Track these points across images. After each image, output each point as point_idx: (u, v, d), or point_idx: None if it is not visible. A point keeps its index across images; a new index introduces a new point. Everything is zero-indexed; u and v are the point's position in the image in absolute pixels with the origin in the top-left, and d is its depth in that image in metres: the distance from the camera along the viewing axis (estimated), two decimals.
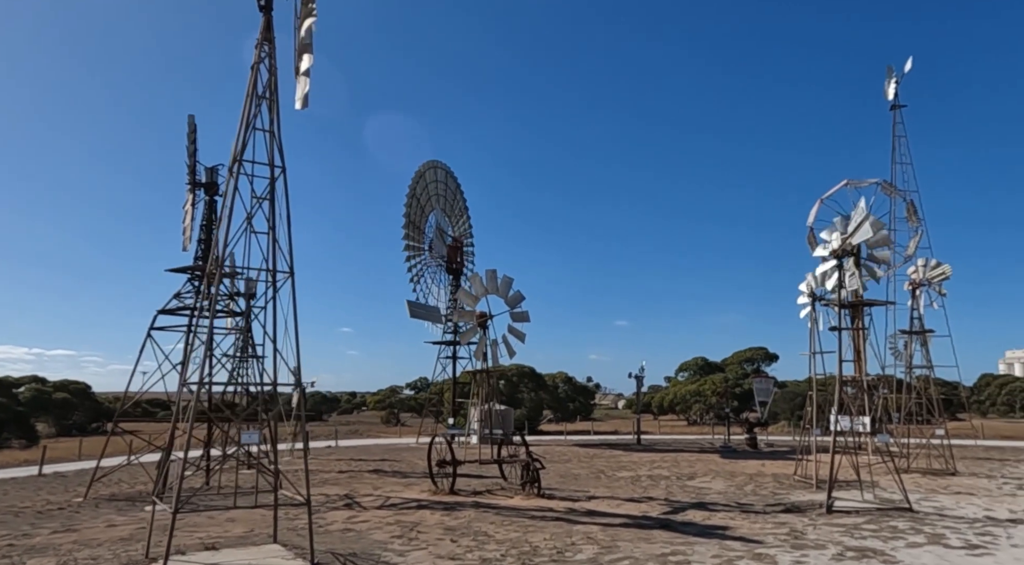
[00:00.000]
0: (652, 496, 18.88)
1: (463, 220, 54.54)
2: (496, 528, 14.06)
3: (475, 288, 20.16)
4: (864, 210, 15.42)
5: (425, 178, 51.02)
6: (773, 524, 14.20)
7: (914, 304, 25.21)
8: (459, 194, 54.45)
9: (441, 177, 53.12)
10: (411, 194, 48.68)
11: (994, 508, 16.66)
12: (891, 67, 44.66)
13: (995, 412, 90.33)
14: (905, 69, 43.63)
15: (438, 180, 52.79)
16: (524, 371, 67.49)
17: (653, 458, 32.49)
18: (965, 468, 26.80)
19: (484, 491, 19.94)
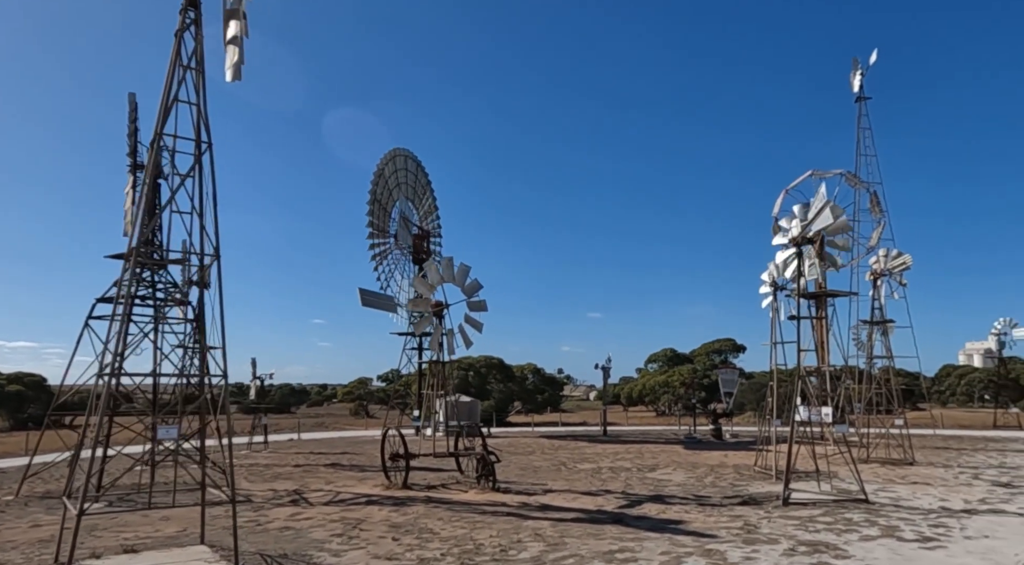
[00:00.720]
0: (610, 489, 18.48)
1: (430, 209, 53.74)
2: (443, 525, 13.49)
3: (431, 276, 19.48)
4: (824, 196, 15.10)
5: (390, 167, 50.07)
6: (728, 517, 13.85)
7: (875, 294, 25.19)
8: (425, 183, 53.61)
9: (407, 165, 52.19)
10: (375, 183, 47.73)
11: (949, 498, 16.57)
12: (856, 59, 44.90)
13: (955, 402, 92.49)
14: (870, 61, 43.94)
15: (404, 169, 51.85)
16: (493, 362, 67.01)
17: (617, 450, 32.23)
18: (923, 458, 26.97)
19: (439, 485, 19.36)
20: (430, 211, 53.57)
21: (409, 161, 52.18)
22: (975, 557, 10.38)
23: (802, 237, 15.99)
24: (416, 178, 52.99)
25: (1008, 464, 24.77)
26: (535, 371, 68.61)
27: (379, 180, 48.35)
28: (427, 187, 53.54)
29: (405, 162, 51.66)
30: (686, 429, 45.40)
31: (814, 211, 15.36)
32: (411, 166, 52.23)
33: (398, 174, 50.91)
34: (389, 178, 49.66)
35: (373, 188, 47.15)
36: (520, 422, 60.98)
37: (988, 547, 11.05)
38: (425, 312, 19.24)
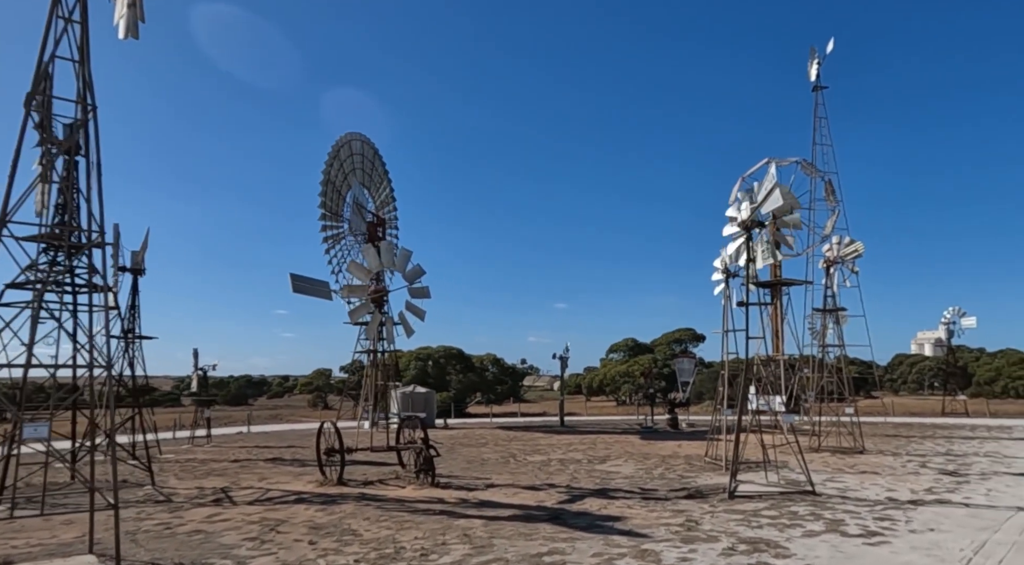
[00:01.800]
0: (555, 483, 17.78)
1: (386, 195, 52.38)
2: (369, 525, 12.58)
3: (369, 262, 18.43)
4: (774, 176, 14.50)
5: (346, 149, 48.53)
6: (671, 512, 13.24)
7: (828, 282, 24.97)
8: (383, 170, 52.20)
9: (358, 149, 50.61)
10: (329, 164, 46.18)
11: (896, 488, 16.29)
12: (814, 48, 44.87)
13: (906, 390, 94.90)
14: (827, 50, 43.97)
15: (360, 154, 50.35)
16: (452, 353, 66.10)
17: (572, 441, 31.67)
18: (873, 446, 26.99)
19: (376, 481, 18.41)
20: (387, 200, 52.21)
21: (365, 147, 50.67)
22: (919, 553, 9.89)
23: (751, 220, 15.40)
24: (372, 165, 51.52)
25: (954, 451, 24.88)
26: (495, 361, 67.92)
27: (334, 161, 46.81)
28: (383, 175, 52.17)
29: (361, 147, 50.13)
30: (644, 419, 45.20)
31: (763, 193, 14.77)
32: (367, 152, 50.72)
33: (353, 159, 49.36)
34: (345, 161, 48.17)
35: (327, 169, 45.57)
36: (479, 413, 60.28)
37: (933, 541, 10.60)
38: (362, 299, 18.19)
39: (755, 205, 15.12)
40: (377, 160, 50.83)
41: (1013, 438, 30.99)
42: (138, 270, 28.70)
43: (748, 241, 15.76)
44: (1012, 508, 13.53)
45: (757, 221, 15.50)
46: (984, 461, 21.87)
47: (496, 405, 68.38)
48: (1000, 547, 10.28)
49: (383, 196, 51.64)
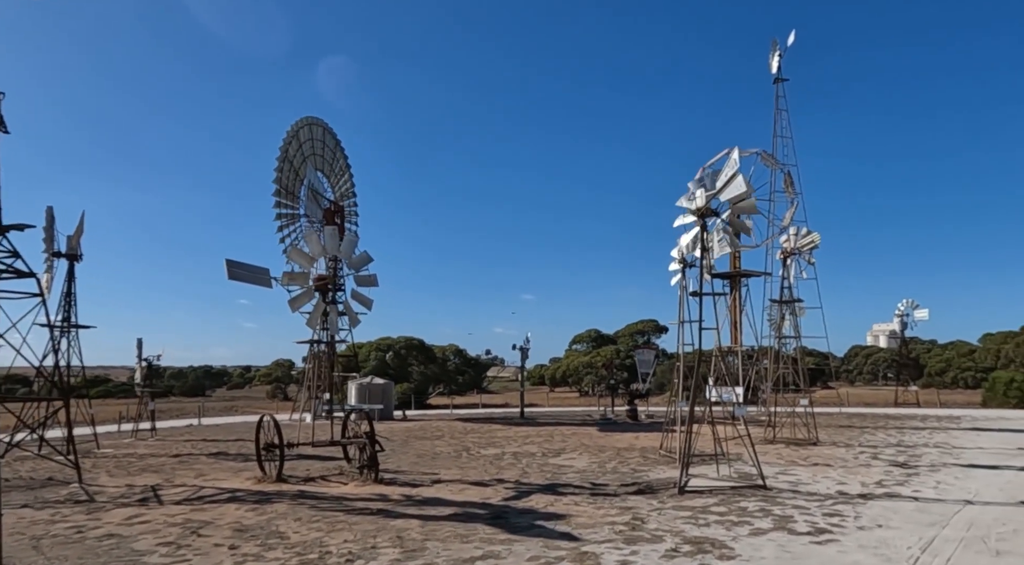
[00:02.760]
0: (504, 478, 17.22)
1: (345, 182, 51.09)
2: (299, 526, 11.82)
3: (311, 247, 17.53)
4: (736, 162, 14.03)
5: (300, 137, 47.09)
6: (618, 509, 12.77)
7: (784, 273, 24.84)
8: (341, 156, 50.88)
9: (319, 135, 49.21)
10: (283, 156, 44.70)
11: (847, 481, 16.13)
12: (776, 40, 44.89)
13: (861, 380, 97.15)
14: (788, 43, 44.03)
15: (315, 138, 48.92)
16: (413, 343, 65.15)
17: (529, 433, 31.21)
18: (827, 437, 27.08)
19: (318, 478, 17.61)
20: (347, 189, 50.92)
21: (323, 131, 49.30)
22: (867, 552, 9.57)
23: (706, 208, 14.95)
24: (329, 150, 50.17)
25: (905, 442, 25.07)
26: (457, 352, 67.18)
27: (292, 140, 45.43)
28: (342, 161, 50.86)
29: (320, 133, 48.76)
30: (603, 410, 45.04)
31: (723, 179, 14.31)
32: (324, 137, 49.35)
33: (313, 144, 47.97)
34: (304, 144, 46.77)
35: (284, 147, 44.22)
36: (441, 404, 59.55)
37: (881, 539, 10.30)
38: (302, 287, 17.30)
39: (712, 192, 14.66)
40: (339, 150, 49.59)
41: (961, 428, 31.52)
42: (74, 255, 27.18)
43: (703, 230, 15.32)
44: (960, 501, 13.41)
45: (711, 209, 15.06)
46: (934, 452, 22.01)
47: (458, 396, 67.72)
48: (948, 544, 10.02)
49: (343, 183, 50.42)
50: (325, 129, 49.95)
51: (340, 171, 50.98)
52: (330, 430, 19.44)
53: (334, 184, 50.42)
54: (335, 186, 50.34)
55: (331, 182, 50.39)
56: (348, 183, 51.11)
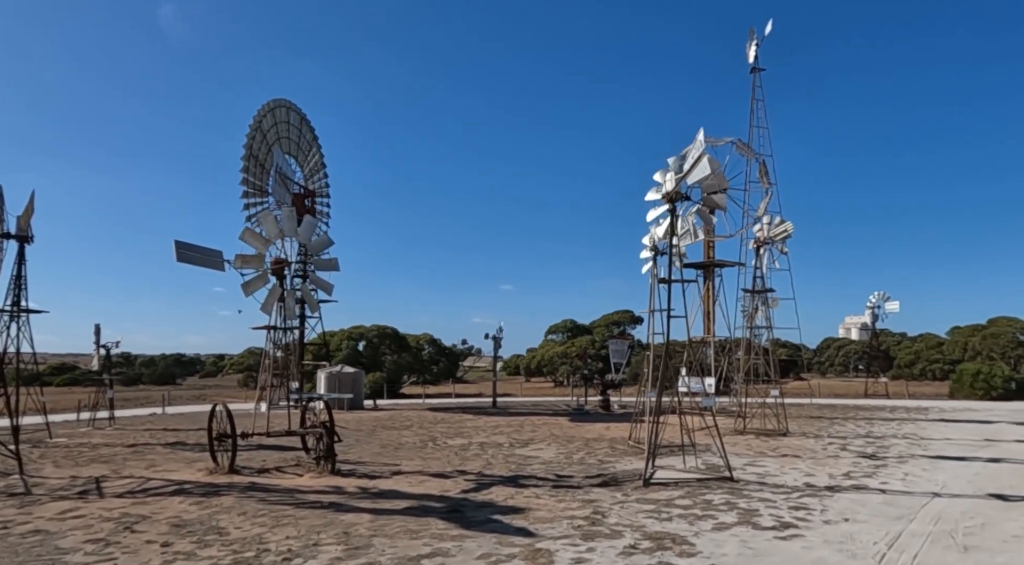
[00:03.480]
0: (467, 469, 16.68)
1: (316, 166, 49.92)
2: (243, 521, 11.17)
3: (267, 229, 16.75)
4: (702, 144, 13.53)
5: (269, 118, 45.85)
6: (580, 503, 12.31)
7: (757, 263, 24.57)
8: (311, 138, 49.68)
9: (288, 118, 48.01)
10: (251, 136, 43.51)
11: (815, 472, 15.87)
12: (753, 29, 44.54)
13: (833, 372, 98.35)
14: (766, 32, 43.73)
15: (286, 122, 47.70)
16: (386, 332, 64.31)
17: (500, 422, 30.73)
18: (797, 427, 26.99)
19: (273, 469, 16.91)
20: (316, 169, 49.76)
21: (292, 114, 48.01)
22: (832, 548, 9.19)
23: (675, 192, 14.46)
24: (300, 133, 48.94)
25: (874, 433, 25.04)
26: (431, 341, 66.45)
27: (256, 133, 44.19)
28: (313, 143, 49.68)
29: (287, 115, 47.49)
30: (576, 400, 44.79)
31: (690, 161, 13.82)
32: (294, 119, 48.07)
33: (279, 127, 46.77)
34: (268, 132, 45.55)
35: (249, 142, 42.95)
36: (414, 394, 58.88)
37: (846, 533, 9.95)
38: (257, 270, 16.52)
39: (680, 176, 14.17)
40: (305, 127, 48.37)
41: (929, 419, 31.71)
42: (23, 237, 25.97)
43: (672, 214, 14.84)
44: (927, 494, 13.17)
45: (681, 193, 14.57)
46: (902, 443, 21.95)
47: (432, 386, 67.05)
48: (915, 539, 9.70)
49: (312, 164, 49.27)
50: (295, 111, 48.68)
51: (311, 155, 49.80)
52: (287, 420, 18.73)
53: (305, 168, 49.23)
54: (306, 170, 49.19)
55: (302, 166, 49.22)
56: (320, 171, 49.99)
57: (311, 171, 49.02)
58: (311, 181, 49.00)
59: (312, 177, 49.32)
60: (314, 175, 49.61)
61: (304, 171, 49.03)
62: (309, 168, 49.47)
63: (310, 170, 49.36)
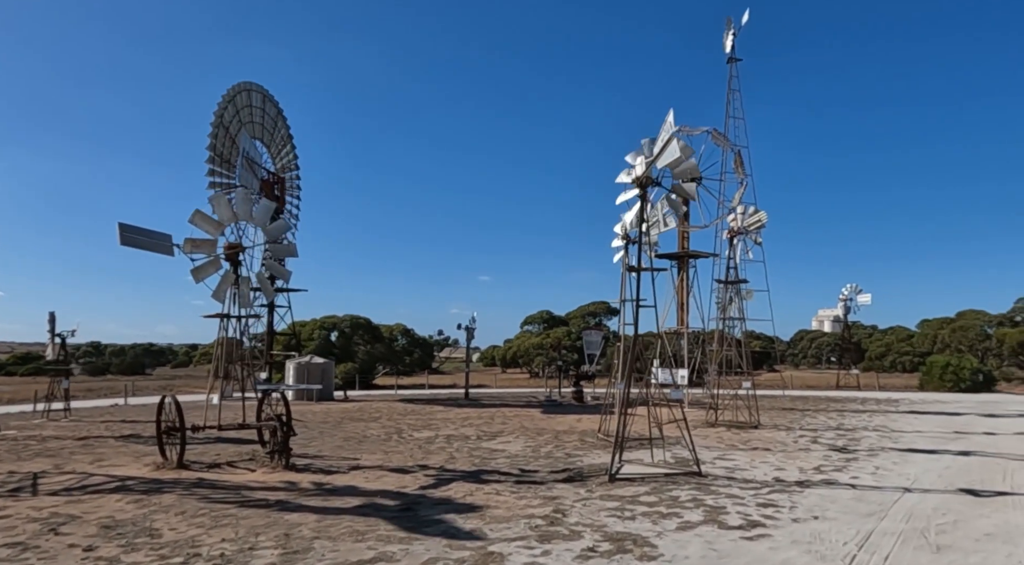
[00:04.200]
0: (428, 464, 16.06)
1: (287, 153, 48.69)
2: (180, 521, 10.43)
3: (220, 212, 15.88)
4: (672, 125, 12.96)
5: (236, 102, 44.49)
6: (542, 500, 11.76)
7: (731, 253, 24.19)
8: (280, 122, 48.37)
9: (257, 102, 46.65)
10: (217, 121, 42.15)
11: (786, 466, 15.52)
12: (730, 19, 44.14)
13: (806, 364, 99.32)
14: (742, 21, 43.39)
15: (253, 105, 46.34)
16: (359, 322, 63.34)
17: (470, 414, 30.15)
18: (769, 420, 26.79)
19: (225, 463, 16.14)
20: (286, 153, 48.55)
21: (262, 98, 46.73)
22: (799, 549, 8.74)
23: (646, 176, 13.89)
24: (270, 119, 47.64)
25: (845, 426, 24.91)
26: (404, 332, 65.60)
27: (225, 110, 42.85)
28: (282, 127, 48.37)
29: (259, 100, 46.19)
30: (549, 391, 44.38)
31: (659, 145, 13.24)
32: (262, 103, 46.79)
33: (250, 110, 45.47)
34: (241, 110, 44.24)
35: (217, 119, 41.67)
36: (387, 385, 58.07)
37: (815, 533, 9.52)
38: (209, 255, 15.67)
39: (650, 159, 13.60)
40: (273, 109, 47.04)
41: (900, 411, 31.78)
42: None
43: (643, 200, 14.28)
44: (898, 489, 12.85)
45: (651, 178, 14.01)
46: (873, 436, 21.78)
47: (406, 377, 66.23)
48: (886, 538, 9.30)
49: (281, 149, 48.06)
50: (265, 96, 47.39)
51: (281, 141, 48.54)
52: (243, 412, 17.91)
53: (274, 155, 48.00)
54: (276, 157, 47.95)
55: (271, 152, 47.96)
56: (290, 157, 48.77)
57: (280, 155, 47.81)
58: (279, 160, 47.82)
59: (280, 160, 48.14)
60: (283, 158, 48.43)
61: (274, 158, 47.80)
62: (278, 153, 48.25)
63: (279, 154, 48.16)
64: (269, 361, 46.71)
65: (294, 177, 49.28)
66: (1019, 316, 73.27)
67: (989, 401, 39.36)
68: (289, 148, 48.92)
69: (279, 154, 48.17)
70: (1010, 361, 67.28)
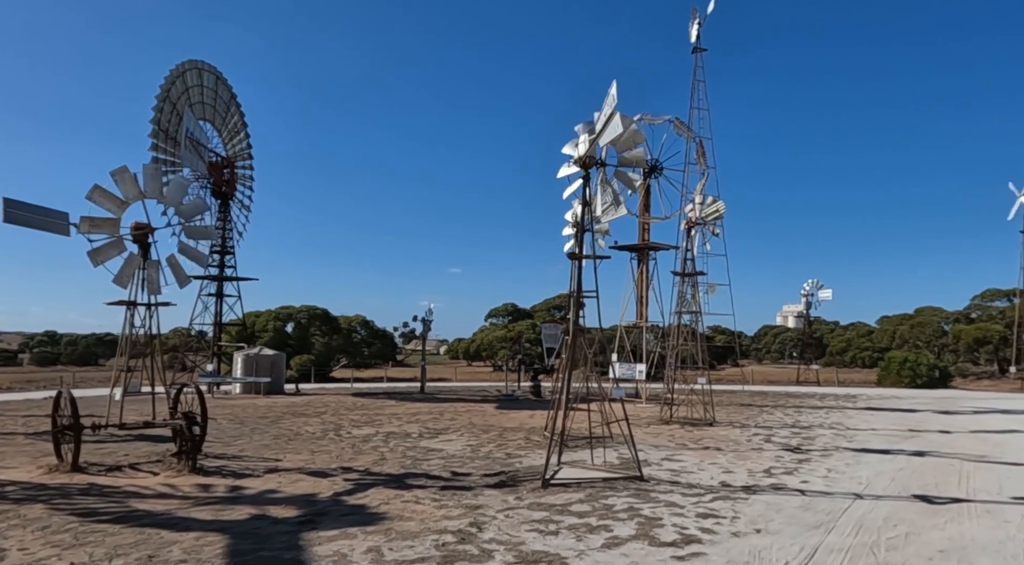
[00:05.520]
0: (354, 466, 14.81)
1: (240, 141, 46.59)
2: (36, 539, 9.04)
3: (123, 188, 14.34)
4: (614, 98, 11.84)
5: (186, 79, 42.32)
6: (463, 509, 10.62)
7: (688, 244, 23.31)
8: (230, 101, 46.25)
9: (209, 83, 44.50)
10: (163, 95, 39.98)
11: (735, 469, 14.64)
12: (695, 8, 43.43)
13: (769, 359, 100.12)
14: (708, 11, 42.64)
15: (204, 85, 44.20)
16: (316, 313, 61.48)
17: (421, 409, 28.93)
18: (725, 416, 26.10)
19: (127, 466, 14.68)
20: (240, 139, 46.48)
21: (212, 78, 44.57)
22: None
23: (588, 156, 12.78)
24: (222, 102, 45.51)
25: (801, 423, 24.30)
26: (364, 323, 63.93)
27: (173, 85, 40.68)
28: (236, 113, 46.28)
29: (205, 78, 44.02)
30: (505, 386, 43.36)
31: (602, 121, 12.13)
32: (214, 84, 44.63)
33: (200, 90, 43.32)
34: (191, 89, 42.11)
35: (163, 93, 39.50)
36: (344, 378, 56.47)
37: (755, 550, 8.54)
38: (110, 236, 14.16)
39: (593, 137, 12.49)
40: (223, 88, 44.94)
41: (857, 407, 31.45)
42: None
43: (585, 181, 13.18)
44: (849, 495, 12.01)
45: (595, 158, 12.91)
46: (828, 434, 21.14)
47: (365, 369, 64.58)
48: (832, 556, 8.36)
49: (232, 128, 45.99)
50: (218, 78, 45.23)
51: (235, 128, 46.43)
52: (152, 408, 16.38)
53: (226, 140, 45.90)
54: (228, 143, 45.86)
55: (223, 137, 45.86)
56: (244, 142, 46.70)
57: (230, 134, 45.74)
58: (231, 147, 45.77)
59: (233, 146, 46.08)
60: (236, 145, 46.37)
61: (226, 144, 45.73)
62: (229, 133, 46.17)
63: (229, 134, 46.09)
64: (216, 353, 44.85)
65: (247, 166, 47.27)
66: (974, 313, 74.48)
67: (945, 397, 39.44)
68: (243, 136, 46.81)
69: (232, 141, 46.07)
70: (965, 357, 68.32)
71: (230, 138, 46.20)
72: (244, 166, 47.15)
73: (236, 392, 41.42)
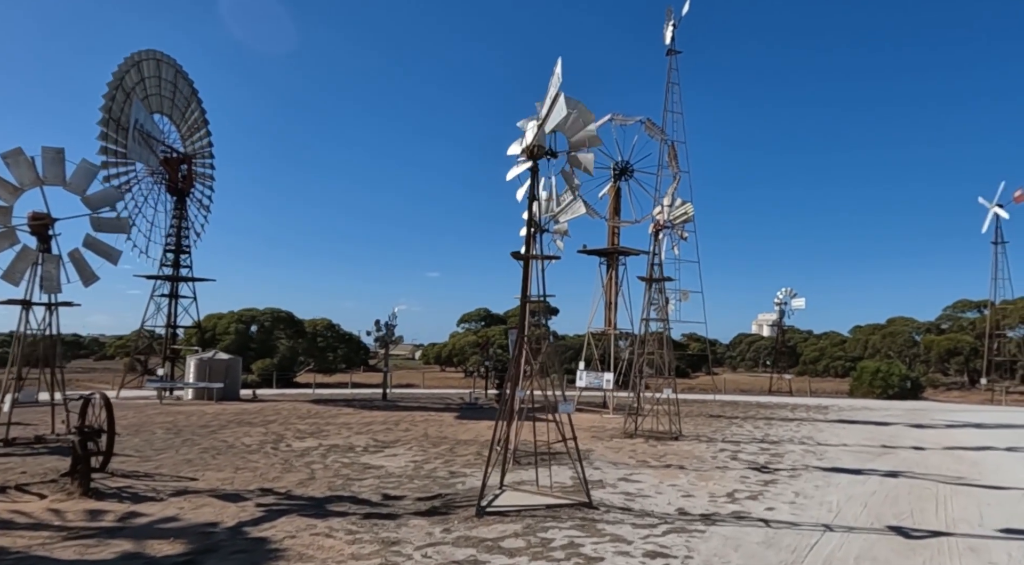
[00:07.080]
0: (275, 487, 13.30)
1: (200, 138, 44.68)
2: None
3: (17, 173, 12.74)
4: (559, 78, 10.55)
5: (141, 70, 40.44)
6: (378, 545, 9.22)
7: (656, 248, 22.15)
8: (196, 105, 44.35)
9: (168, 75, 42.62)
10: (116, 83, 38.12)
11: (695, 492, 13.39)
12: (670, 10, 42.51)
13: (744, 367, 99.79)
14: (683, 12, 41.77)
15: (163, 77, 42.30)
16: (280, 316, 59.52)
17: (375, 419, 27.40)
18: (693, 429, 24.94)
19: (13, 487, 13.01)
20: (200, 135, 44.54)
21: (170, 71, 42.67)
22: None
23: (537, 145, 11.49)
24: (179, 93, 43.62)
25: (771, 437, 23.21)
26: (329, 326, 62.05)
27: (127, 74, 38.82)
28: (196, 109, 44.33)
29: (164, 70, 42.11)
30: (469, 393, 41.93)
31: (546, 105, 10.85)
32: (173, 77, 42.76)
33: (151, 82, 41.39)
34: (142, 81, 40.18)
35: (111, 92, 37.59)
36: (307, 383, 54.58)
37: None
38: (1, 226, 12.54)
39: (540, 122, 11.20)
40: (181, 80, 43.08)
41: (828, 419, 30.55)
42: None
43: (533, 173, 11.89)
44: (818, 526, 10.81)
45: (544, 148, 11.62)
46: (797, 450, 20.04)
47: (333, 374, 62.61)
48: None
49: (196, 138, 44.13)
50: (177, 71, 43.32)
51: (195, 124, 44.46)
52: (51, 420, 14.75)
53: (185, 136, 43.96)
54: (187, 139, 43.93)
55: (181, 133, 43.92)
56: (204, 140, 44.79)
57: (190, 130, 43.84)
58: (190, 144, 43.87)
59: (193, 144, 44.16)
60: (195, 142, 44.45)
61: (184, 140, 43.80)
62: (191, 134, 44.25)
63: (190, 136, 44.17)
64: (168, 356, 42.85)
65: (208, 165, 45.39)
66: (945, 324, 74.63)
67: (916, 409, 38.80)
68: (204, 133, 44.89)
69: (191, 137, 44.15)
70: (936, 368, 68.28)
71: (190, 134, 44.27)
72: (204, 165, 45.25)
73: (188, 398, 39.46)
